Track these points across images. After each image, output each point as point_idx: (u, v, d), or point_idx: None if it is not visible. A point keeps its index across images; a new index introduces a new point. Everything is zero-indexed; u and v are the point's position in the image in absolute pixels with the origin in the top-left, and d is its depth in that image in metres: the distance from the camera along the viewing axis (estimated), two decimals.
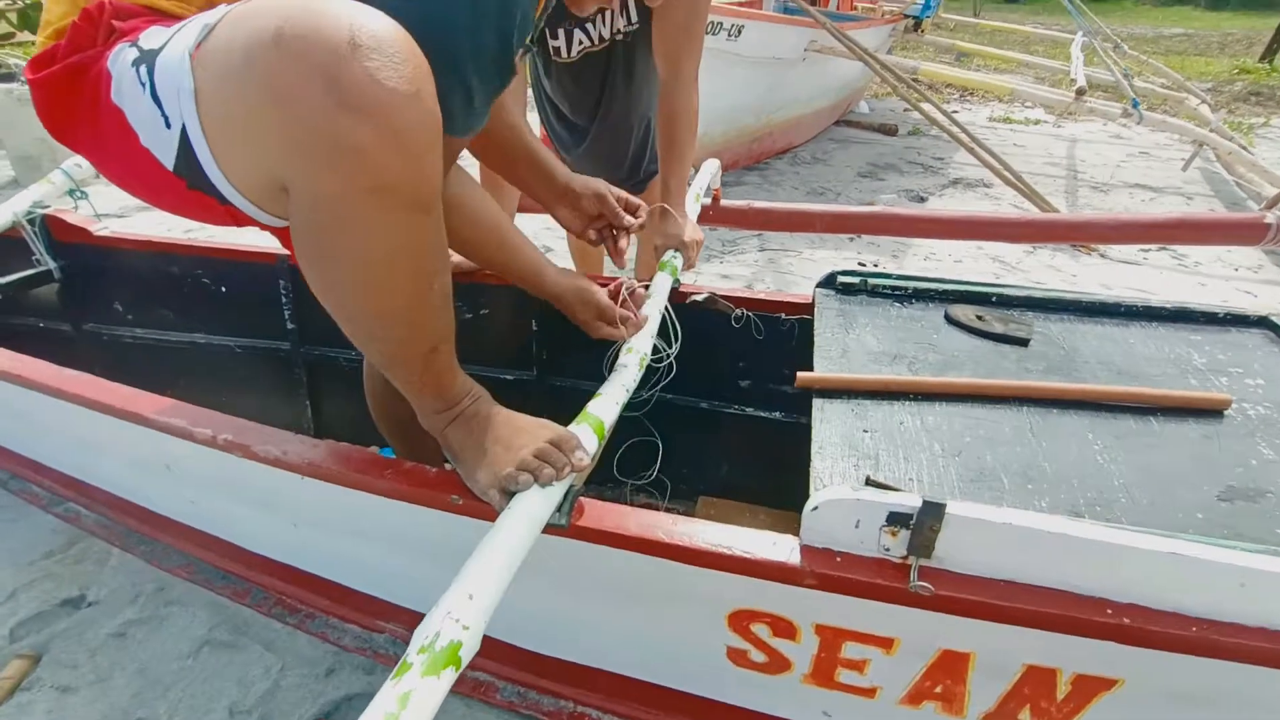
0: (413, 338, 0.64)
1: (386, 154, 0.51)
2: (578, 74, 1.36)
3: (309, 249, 0.58)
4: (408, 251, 0.58)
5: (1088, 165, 4.73)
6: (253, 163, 0.57)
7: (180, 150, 0.58)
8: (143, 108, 0.58)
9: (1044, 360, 0.91)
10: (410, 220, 0.56)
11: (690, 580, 0.72)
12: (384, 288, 0.59)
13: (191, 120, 0.56)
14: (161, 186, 0.63)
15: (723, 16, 3.25)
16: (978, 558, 0.61)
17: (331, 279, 0.60)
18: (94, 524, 1.33)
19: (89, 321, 1.61)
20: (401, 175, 0.53)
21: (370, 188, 0.52)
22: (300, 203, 0.55)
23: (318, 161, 0.52)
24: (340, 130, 0.50)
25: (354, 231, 0.55)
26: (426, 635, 0.50)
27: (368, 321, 0.63)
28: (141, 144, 0.60)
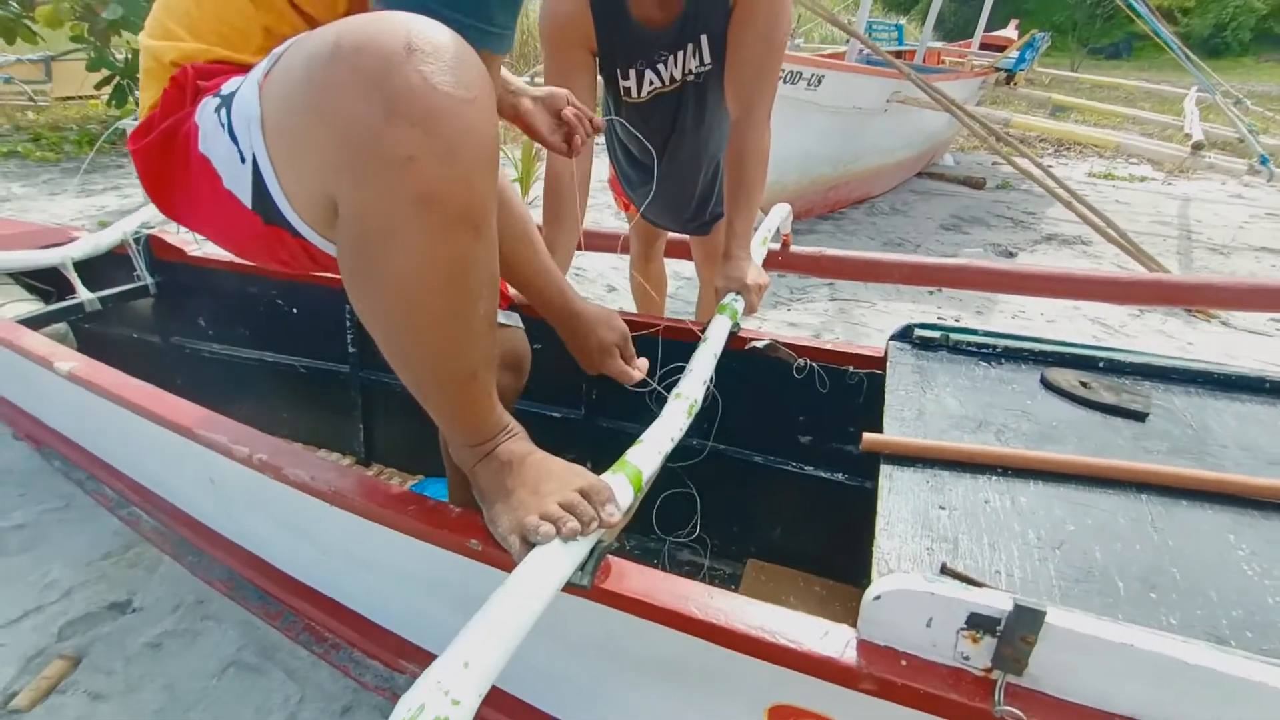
0: (451, 361, 0.61)
1: (435, 163, 0.49)
2: (648, 115, 1.35)
3: (353, 264, 0.56)
4: (452, 269, 0.54)
5: (1204, 226, 4.34)
6: (309, 181, 0.56)
7: (254, 183, 0.59)
8: (222, 148, 0.60)
9: (1166, 439, 0.77)
10: (457, 237, 0.53)
11: (726, 664, 0.62)
12: (426, 306, 0.56)
13: (260, 148, 0.57)
14: (245, 229, 0.64)
15: (802, 66, 3.24)
16: (1085, 683, 0.49)
17: (373, 296, 0.57)
18: (151, 530, 1.37)
19: (175, 335, 1.71)
20: (450, 187, 0.50)
21: (417, 198, 0.49)
22: (346, 215, 0.54)
23: (364, 169, 0.50)
24: (389, 137, 0.48)
25: (398, 245, 0.52)
26: (409, 708, 0.44)
27: (407, 340, 0.59)
28: (225, 187, 0.62)
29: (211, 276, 1.61)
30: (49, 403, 1.50)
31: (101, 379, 1.03)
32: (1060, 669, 0.49)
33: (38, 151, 4.91)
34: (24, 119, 5.98)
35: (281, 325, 1.57)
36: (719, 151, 1.44)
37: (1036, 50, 5.89)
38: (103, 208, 3.76)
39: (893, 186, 4.91)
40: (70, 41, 5.03)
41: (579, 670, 0.81)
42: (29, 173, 4.50)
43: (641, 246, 1.80)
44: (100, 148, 4.93)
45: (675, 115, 1.34)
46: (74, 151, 5.00)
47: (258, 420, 0.90)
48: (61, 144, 5.15)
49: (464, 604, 0.53)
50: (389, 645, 1.06)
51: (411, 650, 1.04)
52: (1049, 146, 6.73)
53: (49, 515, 1.46)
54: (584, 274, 3.08)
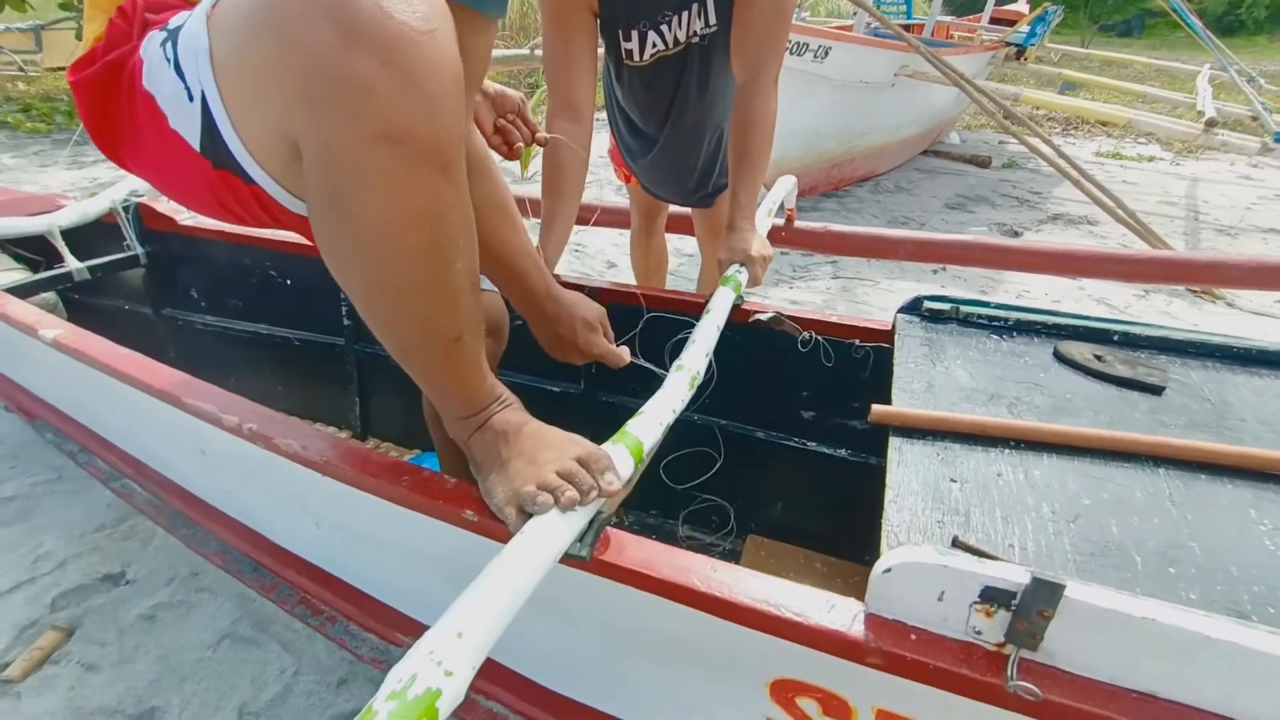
0: (432, 322, 0.57)
1: (397, 96, 0.46)
2: (649, 79, 1.30)
3: (319, 214, 0.53)
4: (423, 215, 0.51)
5: (1211, 207, 4.28)
6: (265, 120, 0.53)
7: (203, 123, 0.56)
8: (168, 83, 0.56)
9: (1184, 413, 0.75)
10: (425, 178, 0.50)
11: (728, 638, 0.61)
12: (397, 258, 0.52)
13: (209, 83, 0.53)
14: (192, 175, 0.60)
15: (809, 37, 3.16)
16: (1103, 659, 0.47)
17: (343, 249, 0.54)
18: (144, 503, 1.35)
19: (167, 307, 1.68)
20: (414, 123, 0.47)
21: (379, 134, 0.46)
22: (309, 159, 0.50)
23: (323, 105, 0.46)
24: (346, 68, 0.45)
25: (362, 189, 0.49)
26: (400, 679, 0.42)
27: (382, 300, 0.56)
28: (170, 126, 0.58)
29: (203, 246, 1.57)
30: (39, 374, 1.48)
31: (87, 346, 1.00)
32: (1077, 644, 0.48)
33: (28, 122, 4.82)
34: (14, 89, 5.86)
35: (275, 297, 1.53)
36: (724, 119, 1.39)
37: (1048, 25, 5.76)
38: (95, 179, 3.70)
39: (898, 164, 4.84)
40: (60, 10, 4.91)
41: (577, 644, 0.80)
42: (19, 144, 4.42)
43: (642, 220, 1.76)
44: None
45: (678, 80, 1.29)
46: (65, 122, 4.91)
47: (252, 394, 0.87)
48: (53, 115, 5.05)
49: (459, 577, 0.51)
50: (385, 618, 1.05)
51: (408, 623, 1.02)
52: (1056, 126, 6.62)
53: (41, 488, 1.44)
54: (583, 250, 3.04)
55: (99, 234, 1.61)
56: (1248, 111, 4.23)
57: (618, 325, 1.27)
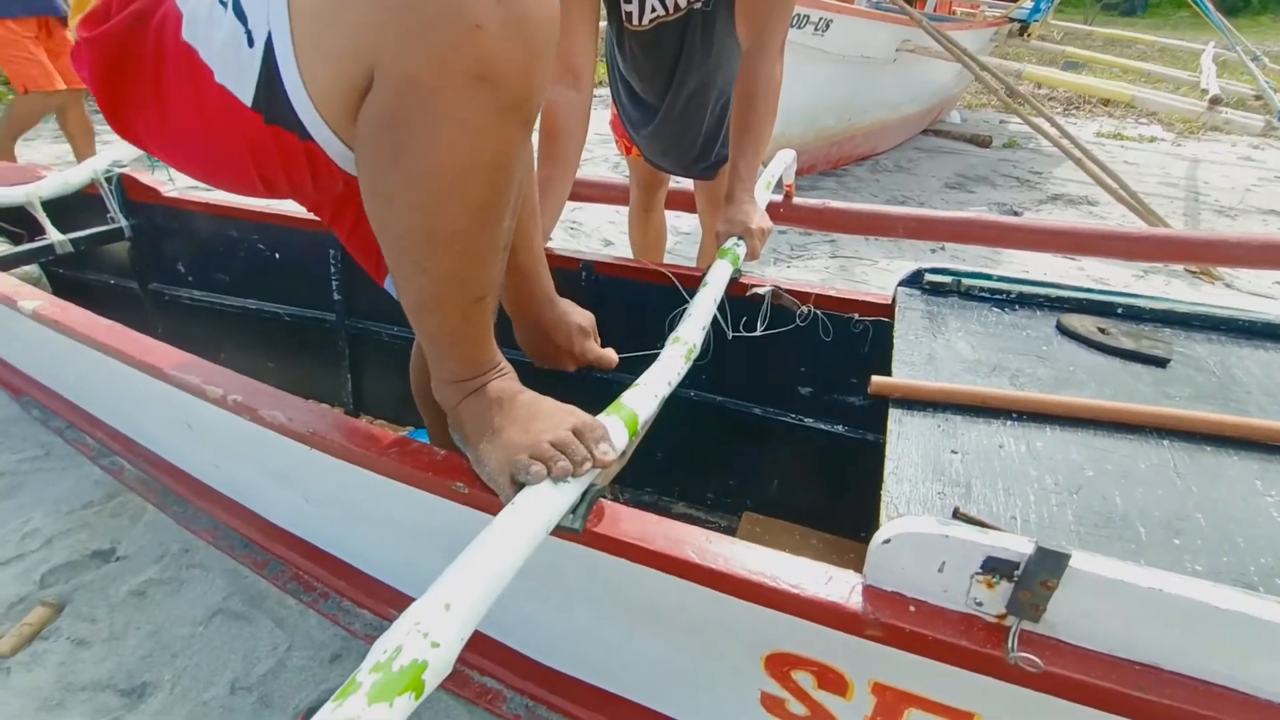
0: (464, 277, 0.55)
1: (507, 39, 0.43)
2: (650, 45, 1.26)
3: (379, 148, 0.49)
4: (494, 166, 0.49)
5: (1212, 188, 4.25)
6: (342, 52, 0.48)
7: (262, 70, 0.51)
8: (222, 31, 0.52)
9: (1189, 385, 0.74)
10: (507, 128, 0.47)
11: (723, 611, 0.60)
12: (456, 204, 0.50)
13: (279, 18, 0.49)
14: (231, 138, 0.55)
15: (810, 9, 3.09)
16: (1107, 630, 0.46)
17: (395, 190, 0.50)
18: (134, 479, 1.34)
19: (153, 281, 1.65)
20: (515, 69, 0.45)
21: (476, 75, 0.44)
22: (385, 85, 0.47)
23: (422, 34, 0.43)
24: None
25: (440, 129, 0.46)
26: (385, 650, 0.40)
27: (422, 249, 0.53)
28: (216, 81, 0.53)
29: (188, 219, 1.54)
30: (23, 349, 1.45)
31: (67, 318, 0.97)
32: (1081, 615, 0.47)
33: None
34: None
35: (264, 271, 1.50)
36: (728, 87, 1.35)
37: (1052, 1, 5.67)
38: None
39: (898, 143, 4.78)
40: None
41: (569, 618, 0.79)
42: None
43: (642, 194, 1.73)
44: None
45: (680, 47, 1.25)
46: None
47: (241, 370, 0.85)
48: None
49: (451, 550, 0.50)
50: (378, 594, 1.04)
51: (401, 599, 1.02)
52: (1058, 105, 6.55)
53: (28, 464, 1.42)
54: (580, 227, 3.00)
55: (82, 206, 1.57)
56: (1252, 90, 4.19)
57: (613, 299, 1.25)
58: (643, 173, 1.65)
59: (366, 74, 0.48)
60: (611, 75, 1.45)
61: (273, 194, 0.63)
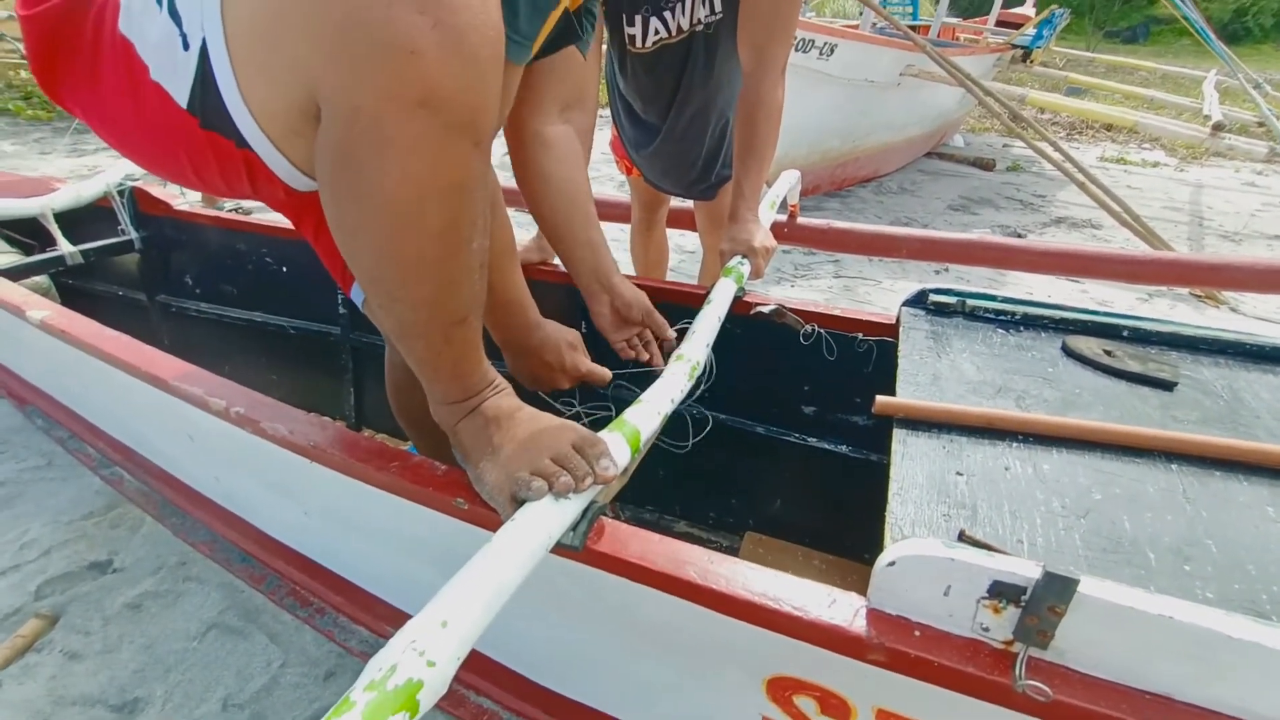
0: (440, 302, 0.55)
1: (446, 61, 0.43)
2: (652, 66, 1.28)
3: (334, 179, 0.49)
4: (450, 189, 0.49)
5: (1216, 213, 4.26)
6: (281, 76, 0.49)
7: (197, 75, 0.51)
8: (157, 29, 0.52)
9: (1197, 409, 0.73)
10: (459, 149, 0.47)
11: (725, 632, 0.59)
12: (417, 230, 0.50)
13: (214, 29, 0.49)
14: (167, 134, 0.55)
15: (814, 34, 3.14)
16: (1117, 658, 0.45)
17: (357, 220, 0.51)
18: (134, 490, 1.33)
19: (161, 292, 1.66)
20: (458, 90, 0.45)
21: (420, 100, 0.44)
22: (333, 118, 0.47)
23: (361, 63, 0.43)
24: (393, 23, 0.42)
25: (390, 157, 0.46)
26: (380, 668, 0.40)
27: (393, 276, 0.53)
28: (151, 78, 0.53)
29: (198, 231, 1.55)
30: (30, 358, 1.46)
31: (74, 328, 0.98)
32: (1090, 642, 0.45)
33: (29, 110, 4.80)
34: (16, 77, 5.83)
35: (271, 284, 1.51)
36: (727, 109, 1.37)
37: (1055, 27, 5.74)
38: (94, 167, 3.68)
39: (902, 165, 4.82)
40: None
41: (568, 638, 0.78)
42: (20, 131, 4.40)
43: (643, 213, 1.74)
44: None
45: (682, 69, 1.27)
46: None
47: (245, 383, 0.85)
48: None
49: (449, 567, 0.49)
50: (375, 610, 1.03)
51: (398, 616, 1.00)
52: (1061, 130, 6.60)
53: (29, 474, 1.42)
54: None
55: (94, 218, 1.59)
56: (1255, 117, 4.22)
57: None
58: (643, 192, 1.66)
59: (309, 97, 0.48)
60: (611, 97, 1.47)
61: (207, 190, 0.63)
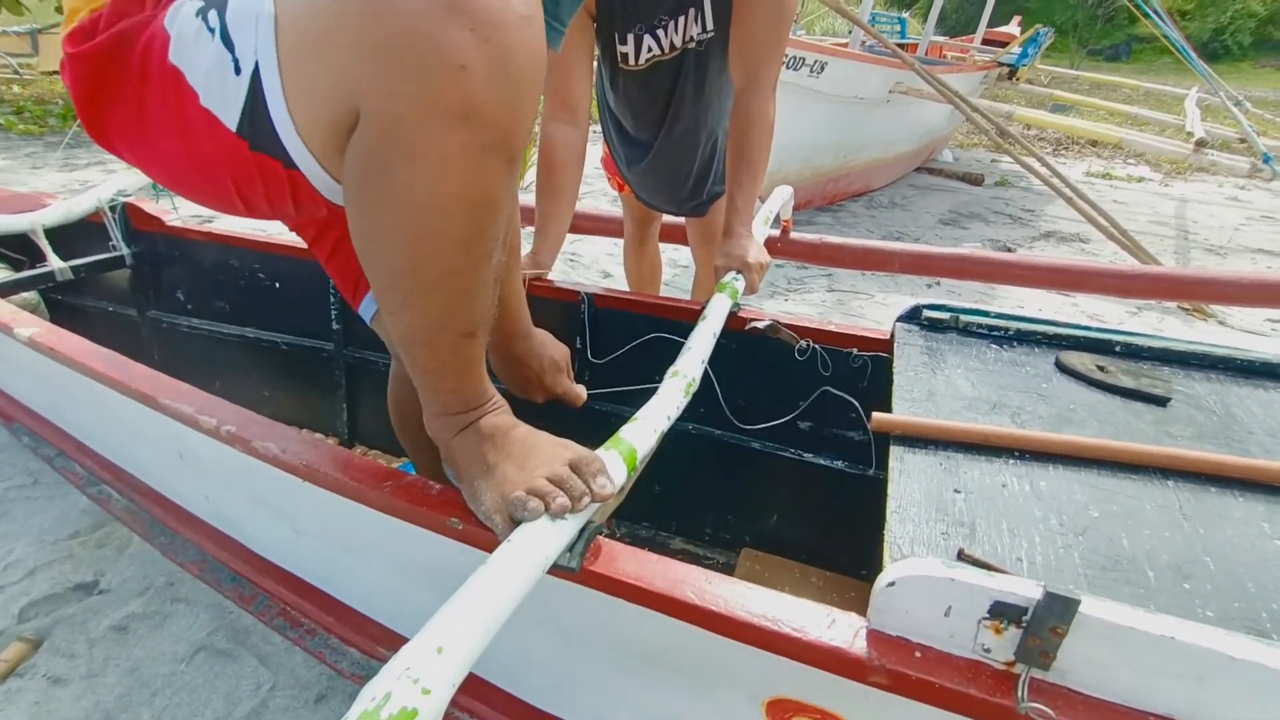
0: (453, 313, 0.55)
1: (490, 76, 0.44)
2: (644, 83, 1.29)
3: (365, 185, 0.50)
4: (477, 203, 0.49)
5: (1200, 227, 4.33)
6: (327, 93, 0.49)
7: (248, 99, 0.52)
8: (208, 56, 0.52)
9: (1190, 425, 0.73)
10: (493, 165, 0.48)
11: (723, 654, 0.58)
12: (441, 241, 0.50)
13: (266, 51, 0.50)
14: (214, 160, 0.56)
15: (805, 52, 3.18)
16: (1120, 679, 0.45)
17: (381, 226, 0.51)
18: (121, 509, 1.31)
19: (152, 309, 1.64)
20: (501, 108, 0.45)
21: (460, 114, 0.44)
22: (370, 126, 0.47)
23: (406, 72, 0.44)
24: (442, 38, 0.42)
25: (424, 166, 0.46)
26: (373, 697, 0.39)
27: (409, 284, 0.53)
28: (201, 105, 0.53)
29: (190, 247, 1.54)
30: (17, 375, 1.44)
31: (63, 345, 0.97)
32: (1092, 663, 0.45)
33: (21, 125, 4.79)
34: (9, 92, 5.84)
35: (263, 300, 1.50)
36: (718, 126, 1.38)
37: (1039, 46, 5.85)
38: (85, 182, 3.66)
39: (892, 180, 4.87)
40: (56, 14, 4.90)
41: (565, 659, 0.77)
42: (11, 146, 4.38)
43: (636, 229, 1.75)
44: None
45: (674, 86, 1.28)
46: (58, 125, 4.89)
47: (237, 399, 0.84)
48: (46, 117, 5.03)
49: (444, 588, 0.49)
50: (367, 631, 1.01)
51: (391, 637, 0.99)
52: (1048, 146, 6.71)
53: (14, 492, 1.40)
54: (578, 259, 3.03)
55: (85, 234, 1.58)
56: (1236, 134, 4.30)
57: (613, 332, 1.26)
58: (636, 208, 1.67)
59: (352, 111, 0.49)
60: (602, 114, 1.48)
61: (252, 214, 0.63)
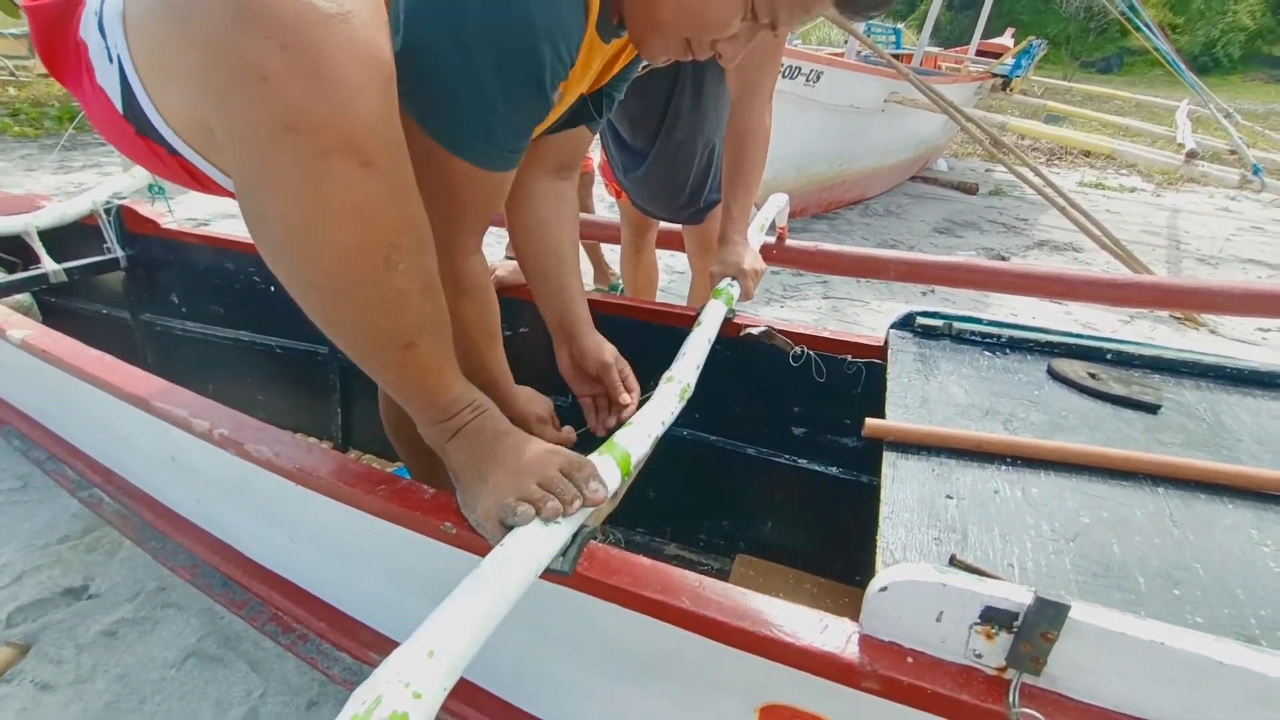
0: (376, 325, 0.53)
1: (298, 84, 0.41)
2: (641, 91, 1.30)
3: (240, 202, 0.49)
4: (342, 212, 0.46)
5: (1192, 237, 4.37)
6: (179, 96, 0.50)
7: (122, 87, 0.53)
8: (94, 40, 0.54)
9: (1181, 432, 0.74)
10: (341, 172, 0.45)
11: (717, 659, 0.58)
12: (320, 256, 0.47)
13: (123, 50, 0.51)
14: (120, 134, 0.57)
15: (801, 61, 3.21)
16: (1110, 685, 0.45)
17: (269, 244, 0.49)
18: (112, 513, 1.30)
19: (146, 311, 1.64)
20: (321, 112, 0.42)
21: (283, 125, 0.42)
22: (223, 144, 0.47)
23: (225, 91, 0.43)
24: (242, 51, 0.40)
25: (272, 181, 0.45)
26: (363, 701, 0.39)
27: (317, 300, 0.51)
28: (97, 82, 0.55)
29: (185, 250, 1.54)
30: (8, 378, 1.43)
31: (55, 347, 0.96)
32: (1083, 668, 0.45)
33: (16, 127, 4.78)
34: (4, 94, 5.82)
35: (258, 302, 1.50)
36: (715, 134, 1.39)
37: (1033, 57, 5.91)
38: (80, 184, 3.65)
39: (887, 189, 4.90)
40: None
41: (557, 664, 0.77)
42: (6, 148, 4.37)
43: (633, 235, 1.75)
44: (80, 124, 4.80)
45: (670, 94, 1.30)
46: (54, 128, 4.88)
47: (231, 403, 0.84)
48: (41, 120, 5.02)
49: (437, 593, 0.48)
50: (359, 636, 1.01)
51: (383, 642, 0.98)
52: (1041, 156, 6.77)
53: (3, 496, 1.39)
54: None
55: (79, 236, 1.57)
56: (1226, 146, 4.35)
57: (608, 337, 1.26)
58: (632, 215, 1.67)
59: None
60: None
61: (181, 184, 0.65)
